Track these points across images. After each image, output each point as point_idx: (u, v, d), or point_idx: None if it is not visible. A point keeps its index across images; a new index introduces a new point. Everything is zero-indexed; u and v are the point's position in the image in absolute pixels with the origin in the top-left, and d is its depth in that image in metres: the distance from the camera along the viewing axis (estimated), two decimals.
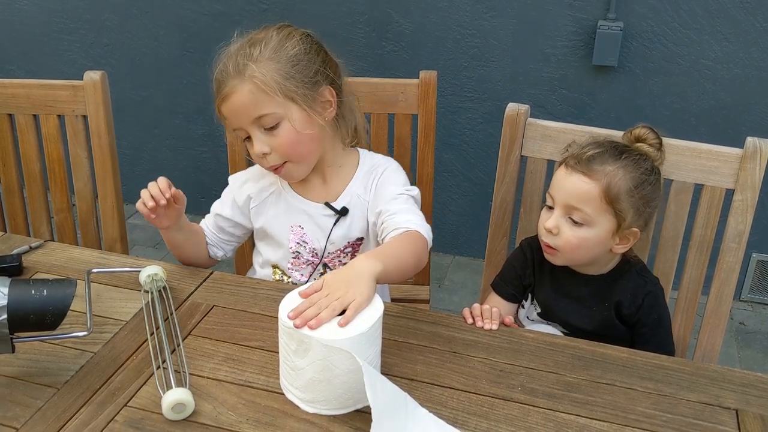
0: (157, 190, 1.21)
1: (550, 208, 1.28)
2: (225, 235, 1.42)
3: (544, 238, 1.29)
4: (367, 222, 1.36)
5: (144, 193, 1.22)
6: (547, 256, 1.31)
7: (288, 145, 1.25)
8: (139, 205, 1.22)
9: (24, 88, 1.61)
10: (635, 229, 1.26)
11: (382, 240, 1.26)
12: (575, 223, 1.25)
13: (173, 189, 1.23)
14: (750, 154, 1.31)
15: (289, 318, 0.96)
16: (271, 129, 1.24)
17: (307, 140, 1.27)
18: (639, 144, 1.30)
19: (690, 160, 1.36)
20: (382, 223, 1.28)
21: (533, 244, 1.38)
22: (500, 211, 1.50)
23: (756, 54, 2.31)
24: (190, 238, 1.36)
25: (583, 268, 1.33)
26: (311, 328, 0.94)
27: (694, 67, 2.37)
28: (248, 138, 1.27)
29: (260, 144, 1.25)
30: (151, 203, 1.20)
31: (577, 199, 1.24)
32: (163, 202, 1.20)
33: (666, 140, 1.37)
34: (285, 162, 1.29)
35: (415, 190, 1.35)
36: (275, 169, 1.30)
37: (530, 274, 1.38)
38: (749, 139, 1.31)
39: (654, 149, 1.30)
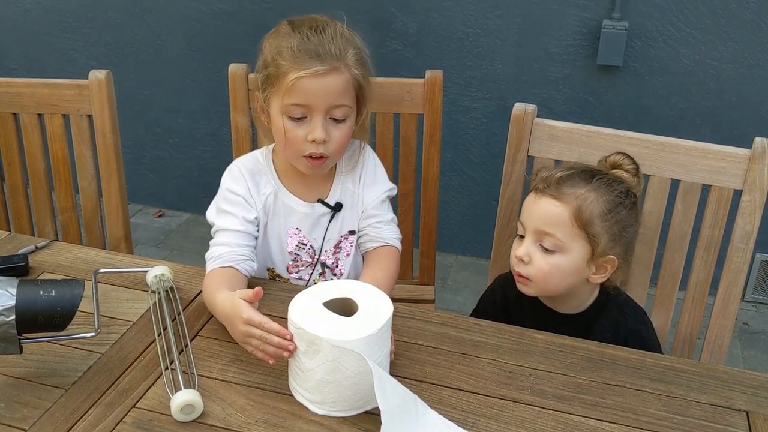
0: (278, 340, 1.01)
1: (522, 236, 1.24)
2: (253, 240, 1.32)
3: (516, 267, 1.24)
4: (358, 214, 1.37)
5: (270, 348, 1.02)
6: (519, 286, 1.26)
7: (343, 140, 1.27)
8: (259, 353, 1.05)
9: (29, 87, 1.60)
10: (612, 257, 1.20)
11: (360, 245, 1.38)
12: (546, 250, 1.20)
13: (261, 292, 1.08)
14: (758, 154, 1.30)
15: None
16: (337, 121, 1.24)
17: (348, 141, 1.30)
18: (615, 170, 1.26)
19: (698, 160, 1.35)
20: (365, 227, 1.37)
21: (505, 287, 1.33)
22: (506, 211, 1.49)
23: (761, 54, 2.30)
24: None
25: (561, 304, 1.28)
26: None
27: (698, 67, 2.37)
28: (300, 119, 1.23)
29: (322, 130, 1.22)
30: (286, 354, 1.01)
31: (548, 224, 1.19)
32: (292, 347, 1.00)
33: (674, 140, 1.36)
34: (326, 156, 1.26)
35: (395, 189, 1.41)
36: (315, 159, 1.26)
37: (504, 320, 1.26)
38: (757, 140, 1.31)
39: (630, 175, 1.26)
